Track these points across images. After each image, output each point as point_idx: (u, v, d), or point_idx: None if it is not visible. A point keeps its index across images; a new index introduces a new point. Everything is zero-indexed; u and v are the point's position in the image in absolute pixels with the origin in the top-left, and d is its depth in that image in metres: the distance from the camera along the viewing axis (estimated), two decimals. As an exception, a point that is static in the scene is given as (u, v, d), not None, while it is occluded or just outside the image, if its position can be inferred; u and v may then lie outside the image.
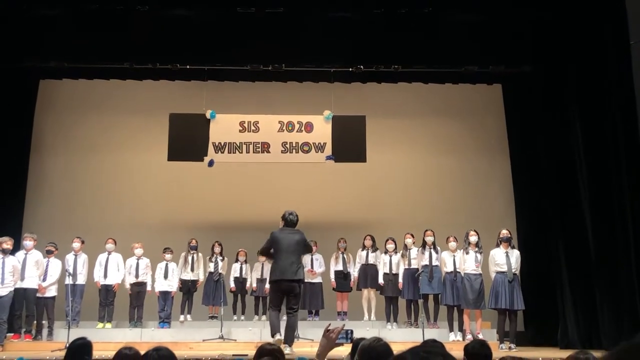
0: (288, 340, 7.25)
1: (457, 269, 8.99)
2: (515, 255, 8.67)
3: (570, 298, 9.06)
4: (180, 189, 11.33)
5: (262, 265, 10.09)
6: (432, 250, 9.36)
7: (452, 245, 9.15)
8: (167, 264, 9.90)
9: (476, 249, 8.90)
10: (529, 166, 10.59)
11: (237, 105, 10.73)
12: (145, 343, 7.77)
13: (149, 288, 9.79)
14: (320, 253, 10.23)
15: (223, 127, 10.21)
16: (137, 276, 9.70)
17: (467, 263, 8.89)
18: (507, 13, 9.61)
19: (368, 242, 10.09)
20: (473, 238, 8.93)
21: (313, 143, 10.19)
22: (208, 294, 9.98)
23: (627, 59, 8.34)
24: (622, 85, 8.32)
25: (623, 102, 8.27)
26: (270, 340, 6.96)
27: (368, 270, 9.96)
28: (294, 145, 10.20)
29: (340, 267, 10.15)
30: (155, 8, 9.39)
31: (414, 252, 9.58)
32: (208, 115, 10.14)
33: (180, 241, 10.23)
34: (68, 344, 4.36)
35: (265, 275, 9.60)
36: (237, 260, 10.35)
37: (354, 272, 10.11)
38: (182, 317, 9.96)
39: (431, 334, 8.39)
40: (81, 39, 9.53)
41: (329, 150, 10.15)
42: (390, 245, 9.85)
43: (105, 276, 9.60)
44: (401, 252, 9.76)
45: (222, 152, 10.12)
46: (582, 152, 8.94)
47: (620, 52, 8.33)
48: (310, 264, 10.05)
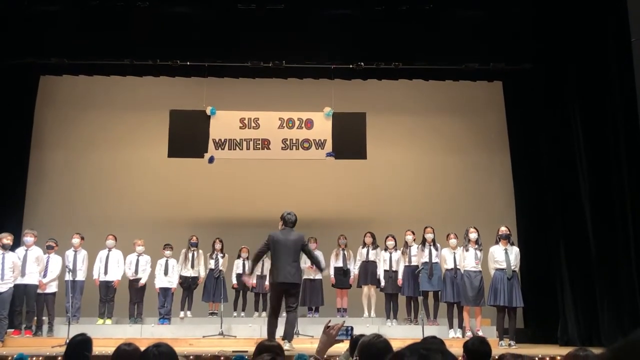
0: (287, 336, 7.27)
1: (457, 266, 9.00)
2: (514, 252, 8.67)
3: (570, 295, 9.06)
4: (180, 185, 11.34)
5: (263, 262, 10.09)
6: (431, 247, 9.36)
7: (453, 242, 9.16)
8: (167, 260, 9.91)
9: (476, 246, 8.89)
10: (530, 163, 10.58)
11: (238, 102, 10.72)
12: (145, 339, 7.77)
13: (142, 282, 9.73)
14: (320, 250, 10.21)
15: (223, 123, 10.21)
16: (137, 272, 9.71)
17: (467, 260, 8.89)
18: (507, 10, 9.60)
19: (368, 240, 10.09)
20: (473, 235, 8.93)
21: (313, 140, 10.19)
22: (208, 291, 9.99)
23: (628, 56, 8.32)
24: (623, 82, 8.30)
25: (624, 100, 8.26)
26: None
27: (368, 267, 9.96)
28: (294, 141, 10.20)
29: (340, 264, 10.15)
30: (156, 4, 9.38)
31: (414, 249, 9.58)
32: (208, 112, 10.14)
33: (180, 238, 10.23)
34: (68, 340, 4.36)
35: (266, 272, 9.60)
36: (240, 257, 10.36)
37: (354, 270, 10.11)
38: (182, 314, 9.98)
39: (431, 330, 8.39)
40: (82, 35, 9.52)
41: (329, 147, 10.14)
42: (390, 242, 9.86)
43: (106, 273, 9.61)
44: (401, 249, 9.76)
45: (223, 149, 10.11)
46: (583, 150, 8.93)
47: (621, 49, 8.31)
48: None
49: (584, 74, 9.04)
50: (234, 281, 10.30)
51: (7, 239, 8.62)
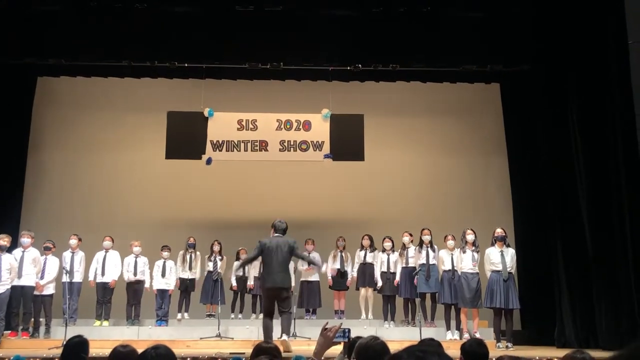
0: (284, 330, 7.53)
1: (455, 268, 9.00)
2: (510, 254, 8.67)
3: (567, 297, 9.06)
4: (177, 186, 11.32)
5: (260, 264, 10.07)
6: (429, 249, 9.35)
7: (450, 243, 9.15)
8: (165, 262, 9.90)
9: (473, 248, 8.90)
10: (527, 165, 10.59)
11: (235, 104, 10.72)
12: (142, 341, 7.76)
13: (147, 285, 9.79)
14: (318, 251, 10.22)
15: (221, 125, 10.20)
16: (135, 274, 9.70)
17: (464, 262, 8.89)
18: (505, 12, 9.60)
19: (366, 242, 10.09)
20: (470, 237, 8.93)
21: (311, 141, 10.20)
22: (206, 292, 9.99)
23: (627, 58, 8.34)
24: (621, 84, 8.32)
25: (622, 102, 8.27)
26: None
27: (366, 270, 9.96)
28: (292, 143, 10.20)
29: (337, 266, 10.15)
30: (154, 5, 9.36)
31: (412, 250, 9.58)
32: (206, 114, 10.14)
33: (178, 239, 10.22)
34: (65, 342, 4.35)
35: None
36: (239, 259, 10.34)
37: (353, 272, 10.11)
38: (179, 315, 9.97)
39: (428, 332, 8.40)
40: (80, 36, 9.51)
41: (327, 148, 10.15)
42: (388, 244, 9.86)
43: (103, 274, 9.59)
44: (399, 250, 9.76)
45: (220, 150, 10.11)
46: (580, 152, 8.94)
47: (620, 51, 8.32)
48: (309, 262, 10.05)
49: (582, 76, 9.05)
50: (233, 283, 10.28)
51: (4, 240, 8.61)
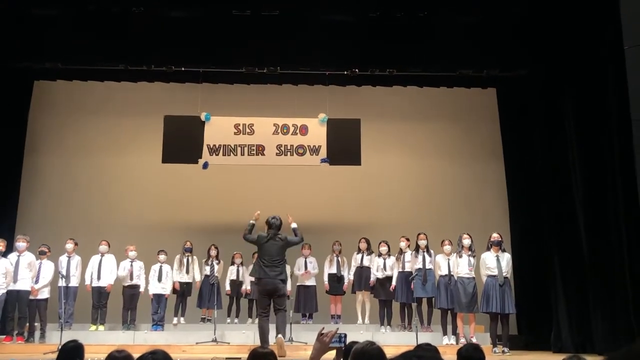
0: (280, 330, 7.50)
1: (452, 273, 9.00)
2: (506, 258, 8.67)
3: (563, 302, 9.07)
4: (174, 191, 11.30)
5: (254, 263, 10.06)
6: (425, 253, 9.35)
7: (447, 248, 9.15)
8: (161, 266, 9.87)
9: (469, 253, 8.89)
10: (523, 170, 10.60)
11: (232, 108, 10.72)
12: (138, 346, 7.76)
13: (142, 289, 9.75)
14: (314, 256, 10.22)
15: (218, 129, 10.20)
16: (131, 278, 9.67)
17: (460, 267, 8.88)
18: (502, 17, 9.63)
19: (363, 245, 10.08)
20: (466, 241, 8.93)
21: (308, 146, 10.20)
22: (203, 297, 9.96)
23: (622, 63, 8.34)
24: (617, 89, 8.33)
25: (618, 107, 8.28)
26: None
27: (363, 273, 9.95)
28: (288, 147, 10.20)
29: (334, 270, 10.14)
30: (151, 10, 9.36)
31: (408, 255, 9.57)
32: (203, 118, 10.14)
33: (174, 243, 10.20)
34: (60, 347, 4.34)
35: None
36: (233, 263, 10.33)
37: (349, 275, 10.10)
38: (175, 320, 9.94)
39: (425, 337, 8.39)
40: (76, 40, 9.50)
41: (323, 153, 10.15)
42: (383, 248, 9.85)
43: (99, 278, 9.57)
44: (395, 255, 9.75)
45: (217, 155, 10.11)
46: (577, 157, 8.95)
47: (616, 56, 8.33)
48: (304, 266, 10.06)
49: (578, 81, 9.07)
50: (227, 288, 10.25)
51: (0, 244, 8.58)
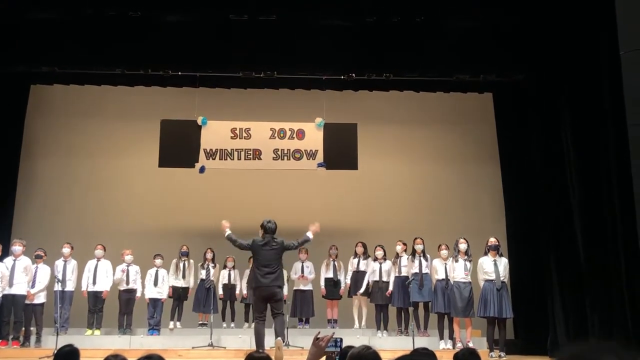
0: (278, 333, 7.41)
1: (448, 277, 9.00)
2: (503, 263, 8.68)
3: (560, 306, 9.06)
4: (171, 195, 11.30)
5: (250, 269, 10.05)
6: (421, 258, 9.35)
7: (444, 253, 9.16)
8: (158, 270, 9.86)
9: (465, 257, 8.90)
10: (520, 175, 10.61)
11: (229, 112, 10.73)
12: (134, 350, 7.74)
13: (139, 294, 9.74)
14: (311, 260, 10.22)
15: (214, 133, 10.21)
16: (127, 283, 9.65)
17: (456, 271, 8.89)
18: (498, 23, 9.65)
19: (360, 250, 10.08)
20: (462, 246, 8.93)
21: (305, 150, 10.21)
22: (199, 301, 9.94)
23: (619, 68, 8.35)
24: (613, 95, 8.34)
25: (614, 112, 8.30)
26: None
27: (359, 278, 9.94)
28: (285, 152, 10.21)
29: (330, 275, 10.14)
30: (148, 14, 9.36)
31: (404, 259, 9.57)
32: (199, 122, 10.14)
33: (170, 248, 10.19)
34: (56, 351, 4.32)
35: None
36: (226, 267, 10.31)
37: (346, 280, 10.10)
38: (171, 324, 9.92)
39: (421, 342, 8.38)
40: (73, 44, 9.49)
41: (320, 157, 10.16)
42: (379, 253, 9.85)
43: (94, 283, 9.54)
44: (392, 259, 9.76)
45: (214, 159, 10.11)
46: (573, 161, 8.96)
47: (612, 61, 8.35)
48: (301, 270, 10.05)
49: (574, 86, 9.08)
50: (220, 292, 10.22)
51: (-4, 248, 8.58)
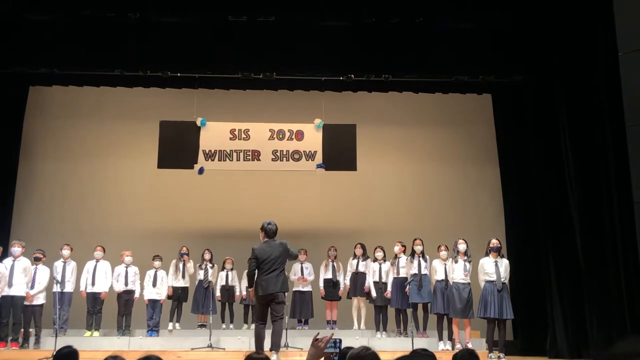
0: (274, 346, 7.17)
1: (448, 278, 8.99)
2: (504, 264, 8.68)
3: (559, 308, 9.06)
4: (170, 196, 11.29)
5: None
6: (420, 259, 9.35)
7: (443, 254, 9.15)
8: (156, 271, 9.86)
9: (465, 258, 8.90)
10: (519, 175, 10.61)
11: (228, 113, 10.72)
12: (133, 351, 7.74)
13: (137, 295, 9.73)
14: (310, 262, 10.22)
15: (213, 134, 10.21)
16: (126, 284, 9.64)
17: (455, 272, 8.88)
18: (497, 23, 9.66)
19: (359, 251, 10.09)
20: (462, 247, 8.93)
21: (304, 151, 10.21)
22: (197, 302, 9.93)
23: (616, 69, 8.34)
24: (611, 96, 8.35)
25: (612, 113, 8.30)
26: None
27: (358, 279, 9.94)
28: (284, 153, 10.22)
29: (329, 276, 10.13)
30: (147, 16, 9.37)
31: (403, 260, 9.57)
32: (198, 123, 10.14)
33: (169, 249, 10.19)
34: (55, 353, 4.32)
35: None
36: (224, 268, 10.30)
37: (345, 281, 10.09)
38: (170, 326, 9.91)
39: (421, 343, 8.39)
40: (71, 45, 9.49)
41: (319, 158, 10.16)
42: (379, 254, 9.85)
43: (93, 284, 9.54)
44: (390, 260, 9.75)
45: (213, 160, 10.11)
46: (572, 162, 8.96)
47: (610, 62, 8.36)
48: (300, 271, 10.04)
49: (573, 87, 9.08)
50: (218, 293, 10.21)
51: (-6, 249, 8.57)
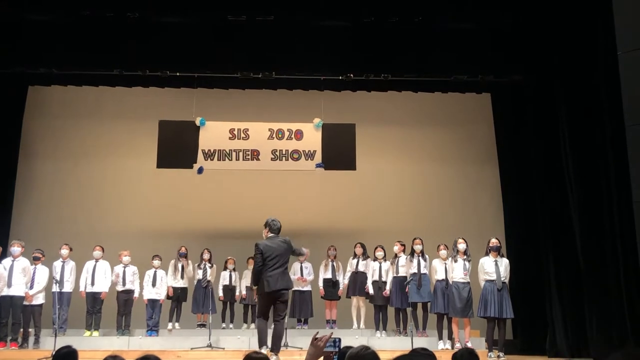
0: (275, 348, 7.15)
1: (447, 277, 8.99)
2: (504, 263, 8.68)
3: (559, 307, 9.07)
4: (169, 196, 11.28)
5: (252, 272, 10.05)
6: (420, 258, 9.35)
7: (443, 253, 9.16)
8: (156, 271, 9.85)
9: (464, 257, 8.90)
10: (518, 175, 10.61)
11: (227, 113, 10.72)
12: (132, 351, 7.73)
13: (136, 295, 9.72)
14: (309, 261, 10.21)
15: (213, 134, 10.20)
16: (124, 284, 9.64)
17: (455, 271, 8.88)
18: (496, 23, 9.66)
19: (359, 250, 10.09)
20: (461, 246, 8.93)
21: (303, 151, 10.21)
22: (197, 302, 9.94)
23: (616, 69, 8.34)
24: (610, 95, 8.34)
25: (611, 113, 8.30)
26: (258, 349, 6.90)
27: (358, 278, 9.94)
28: (283, 152, 10.21)
29: (329, 275, 10.14)
30: (146, 15, 9.36)
31: (402, 259, 9.57)
32: (198, 123, 10.14)
33: (169, 248, 10.18)
34: (54, 353, 4.31)
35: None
36: (226, 268, 10.31)
37: (344, 280, 10.09)
38: (170, 325, 9.91)
39: (420, 342, 8.38)
40: (71, 45, 9.48)
41: (318, 158, 10.16)
42: (380, 253, 9.85)
43: (93, 284, 9.53)
44: (390, 260, 9.75)
45: (212, 160, 10.11)
46: (571, 162, 8.96)
47: (609, 62, 8.36)
48: (300, 271, 10.04)
49: (572, 87, 9.08)
50: (220, 293, 10.21)
51: (-7, 249, 8.56)
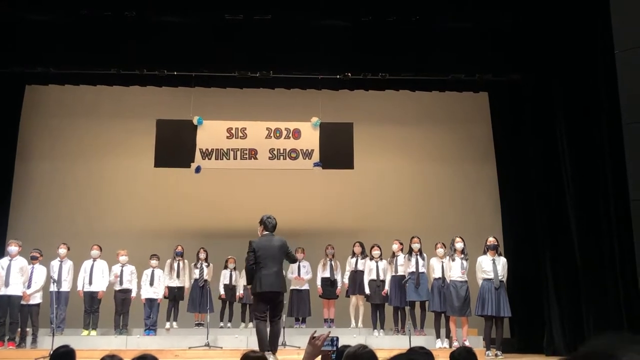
0: (272, 347, 7.13)
1: (445, 276, 9.01)
2: (501, 262, 8.69)
3: (556, 305, 9.09)
4: (166, 195, 11.28)
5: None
6: (418, 257, 9.36)
7: (440, 251, 9.17)
8: (153, 270, 9.85)
9: (462, 256, 8.91)
10: (516, 173, 10.63)
11: (225, 112, 10.72)
12: (130, 350, 7.71)
13: (134, 294, 9.72)
14: (307, 260, 10.21)
15: (210, 133, 10.20)
16: (122, 283, 9.63)
17: (452, 270, 8.89)
18: (494, 22, 9.67)
19: (357, 249, 10.09)
20: (459, 245, 8.94)
21: (301, 150, 10.21)
22: (194, 301, 9.93)
23: (614, 67, 8.35)
24: (608, 94, 8.36)
25: (609, 111, 8.31)
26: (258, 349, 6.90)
27: (357, 277, 9.95)
28: (281, 151, 10.21)
29: (327, 274, 10.14)
30: (143, 14, 9.36)
31: (401, 258, 9.58)
32: (195, 122, 10.13)
33: (166, 248, 10.18)
34: (52, 352, 4.31)
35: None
36: (227, 267, 10.31)
37: (343, 279, 10.10)
38: (167, 325, 9.91)
39: (418, 341, 8.38)
40: (68, 44, 9.48)
41: (316, 157, 10.16)
42: (376, 252, 9.85)
43: (90, 283, 9.52)
44: (388, 259, 9.76)
45: (209, 159, 10.10)
46: (569, 160, 8.98)
47: (609, 62, 8.36)
48: (298, 270, 10.04)
49: (570, 85, 9.10)
50: (222, 292, 10.22)
51: (-9, 249, 8.54)
